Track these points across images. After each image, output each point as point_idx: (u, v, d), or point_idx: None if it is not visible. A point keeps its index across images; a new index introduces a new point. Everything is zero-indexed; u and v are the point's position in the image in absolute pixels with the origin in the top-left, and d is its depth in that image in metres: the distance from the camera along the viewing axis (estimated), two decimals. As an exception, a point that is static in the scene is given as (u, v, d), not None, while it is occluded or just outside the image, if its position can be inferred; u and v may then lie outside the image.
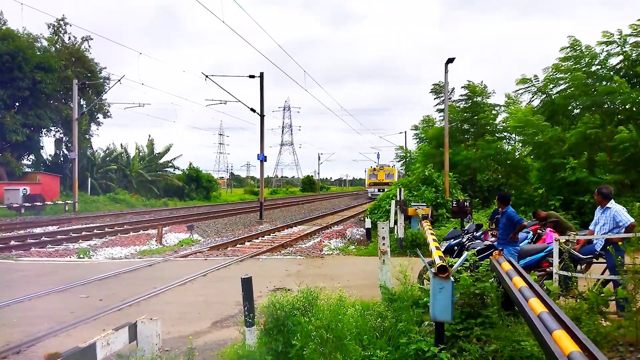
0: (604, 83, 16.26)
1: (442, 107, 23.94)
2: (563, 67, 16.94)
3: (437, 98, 25.61)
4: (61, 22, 35.66)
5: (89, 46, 36.92)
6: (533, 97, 18.75)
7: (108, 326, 5.15)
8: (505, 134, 23.91)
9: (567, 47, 17.01)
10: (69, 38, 36.54)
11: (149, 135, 46.53)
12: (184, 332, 5.84)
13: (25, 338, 5.53)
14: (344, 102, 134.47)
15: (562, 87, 17.52)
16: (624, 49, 16.06)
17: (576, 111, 17.79)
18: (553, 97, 17.73)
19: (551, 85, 17.93)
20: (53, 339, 5.59)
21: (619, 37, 15.88)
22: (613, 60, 16.69)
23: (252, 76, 25.68)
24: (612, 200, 6.50)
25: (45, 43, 34.83)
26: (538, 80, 18.31)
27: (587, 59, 16.72)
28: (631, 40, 15.81)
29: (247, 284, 4.47)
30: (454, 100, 24.98)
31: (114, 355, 3.82)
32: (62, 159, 37.22)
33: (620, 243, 6.15)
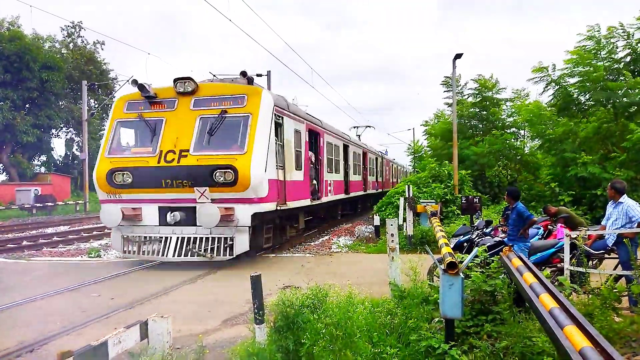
0: (614, 77, 16.00)
1: (451, 101, 23.78)
2: (578, 58, 16.55)
3: (447, 91, 25.33)
4: (76, 26, 36.09)
5: (102, 49, 37.36)
6: (547, 87, 18.26)
7: (119, 324, 5.19)
8: (514, 129, 23.70)
9: (584, 37, 16.61)
10: (82, 41, 36.97)
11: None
12: (194, 330, 5.88)
13: (38, 337, 5.59)
14: (345, 102, 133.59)
15: (575, 79, 17.18)
16: (631, 44, 15.76)
17: (590, 103, 17.43)
18: (567, 88, 17.33)
19: (567, 72, 17.42)
20: (65, 337, 5.65)
21: (622, 30, 15.60)
22: (621, 53, 16.40)
23: (259, 75, 25.73)
24: (625, 195, 6.43)
25: (57, 45, 35.28)
26: (554, 69, 17.82)
27: (602, 53, 16.40)
28: (637, 35, 15.51)
29: (256, 281, 4.48)
30: (463, 95, 24.79)
31: (125, 353, 3.86)
32: (72, 159, 37.60)
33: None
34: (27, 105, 31.94)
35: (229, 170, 9.47)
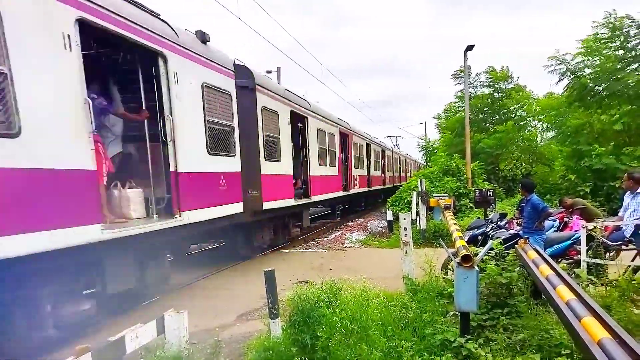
0: (627, 66, 15.67)
1: (461, 94, 23.60)
2: (588, 49, 16.24)
3: (458, 84, 25.08)
4: None
5: None
6: (562, 76, 17.85)
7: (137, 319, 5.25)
8: (527, 120, 23.47)
9: (599, 24, 16.22)
10: None
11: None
12: (210, 324, 5.93)
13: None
14: (348, 98, 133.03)
15: (589, 70, 16.84)
16: None
17: (605, 94, 17.08)
18: (582, 79, 16.98)
19: (582, 65, 17.03)
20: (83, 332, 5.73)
21: (632, 20, 15.24)
22: (634, 42, 16.01)
23: (269, 71, 25.77)
24: (642, 185, 6.32)
25: None
26: (570, 57, 17.41)
27: (616, 43, 16.04)
28: None
29: (270, 276, 4.50)
30: (475, 86, 24.56)
31: (142, 349, 3.90)
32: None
33: None
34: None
35: None
